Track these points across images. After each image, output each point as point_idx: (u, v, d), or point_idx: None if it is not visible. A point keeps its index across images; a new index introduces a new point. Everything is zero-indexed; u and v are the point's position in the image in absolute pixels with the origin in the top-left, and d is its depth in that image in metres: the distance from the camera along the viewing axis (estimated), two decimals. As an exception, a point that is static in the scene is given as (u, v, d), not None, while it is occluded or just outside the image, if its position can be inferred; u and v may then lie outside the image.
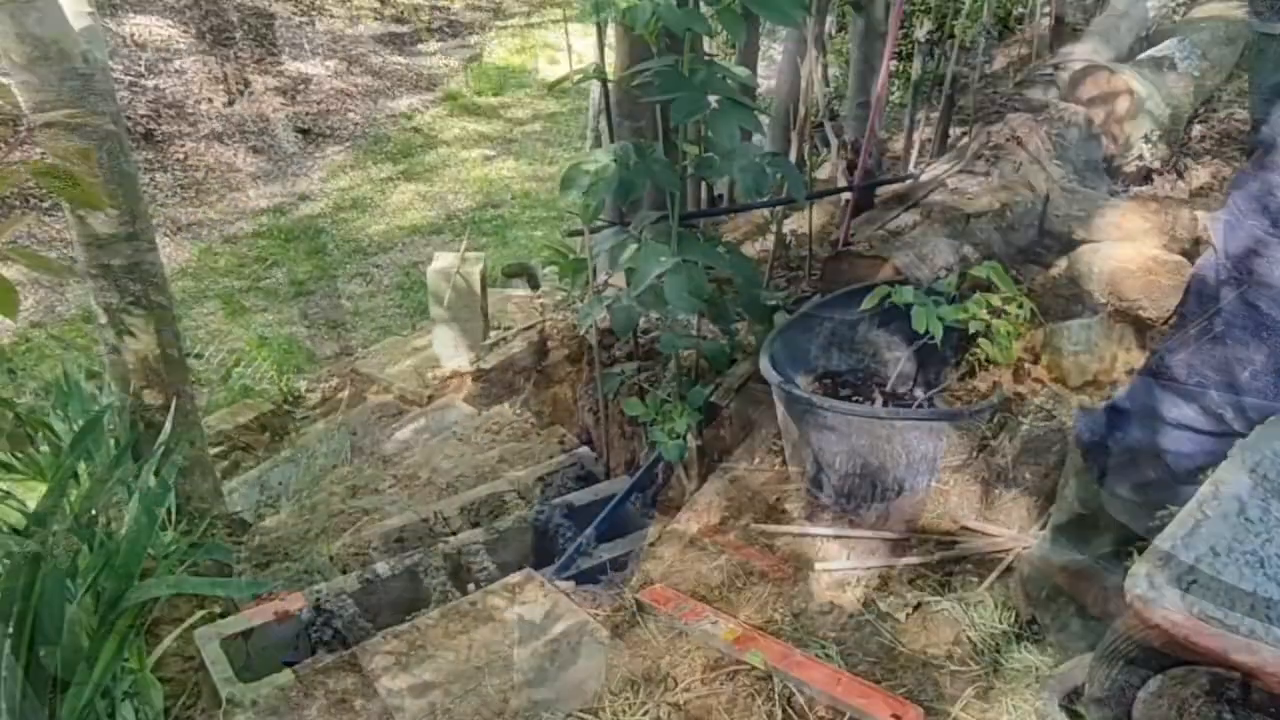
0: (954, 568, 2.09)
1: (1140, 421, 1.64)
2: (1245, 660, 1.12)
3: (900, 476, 2.23)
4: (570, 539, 2.46)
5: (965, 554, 2.11)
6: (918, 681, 1.81)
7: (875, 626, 1.95)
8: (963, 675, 1.81)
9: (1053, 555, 1.80)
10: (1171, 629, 1.16)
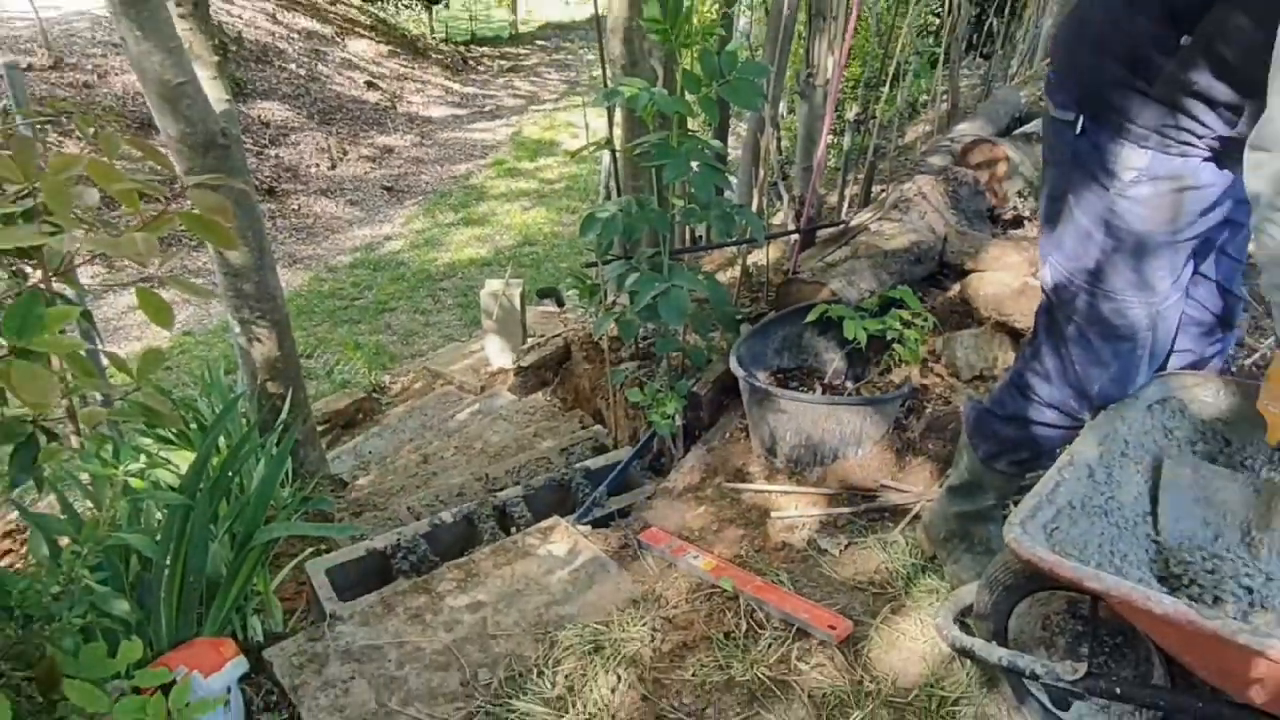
0: (875, 516, 2.10)
1: (1010, 421, 1.63)
2: (1093, 586, 1.13)
3: (835, 447, 2.23)
4: (587, 494, 2.46)
5: (883, 506, 2.12)
6: (848, 601, 1.81)
7: (816, 560, 1.95)
8: (882, 596, 1.82)
9: (949, 507, 1.80)
10: (1039, 564, 1.16)
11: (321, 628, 1.78)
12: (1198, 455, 1.53)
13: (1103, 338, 1.47)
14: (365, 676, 1.66)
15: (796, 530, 2.07)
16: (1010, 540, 1.19)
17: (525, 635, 1.76)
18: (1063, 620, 1.42)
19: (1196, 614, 1.03)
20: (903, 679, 1.58)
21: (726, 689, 1.58)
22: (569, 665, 1.66)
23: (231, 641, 1.52)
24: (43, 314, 1.00)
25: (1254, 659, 1.01)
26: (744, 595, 1.80)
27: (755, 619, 1.75)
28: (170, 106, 2.21)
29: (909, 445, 2.28)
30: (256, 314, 2.62)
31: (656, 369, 2.73)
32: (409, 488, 3.12)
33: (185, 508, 1.54)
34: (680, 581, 1.89)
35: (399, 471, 3.40)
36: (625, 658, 1.66)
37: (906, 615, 1.74)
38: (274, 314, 2.66)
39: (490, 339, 4.47)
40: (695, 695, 1.58)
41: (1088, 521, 1.35)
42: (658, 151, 2.18)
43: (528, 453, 3.17)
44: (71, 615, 1.24)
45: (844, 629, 1.68)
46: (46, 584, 1.25)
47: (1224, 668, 1.10)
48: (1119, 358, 1.48)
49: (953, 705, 1.51)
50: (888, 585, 1.84)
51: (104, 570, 1.47)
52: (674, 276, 2.30)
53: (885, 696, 1.54)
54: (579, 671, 1.64)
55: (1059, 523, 1.30)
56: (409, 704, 1.60)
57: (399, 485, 3.18)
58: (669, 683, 1.61)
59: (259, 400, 2.71)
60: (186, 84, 2.20)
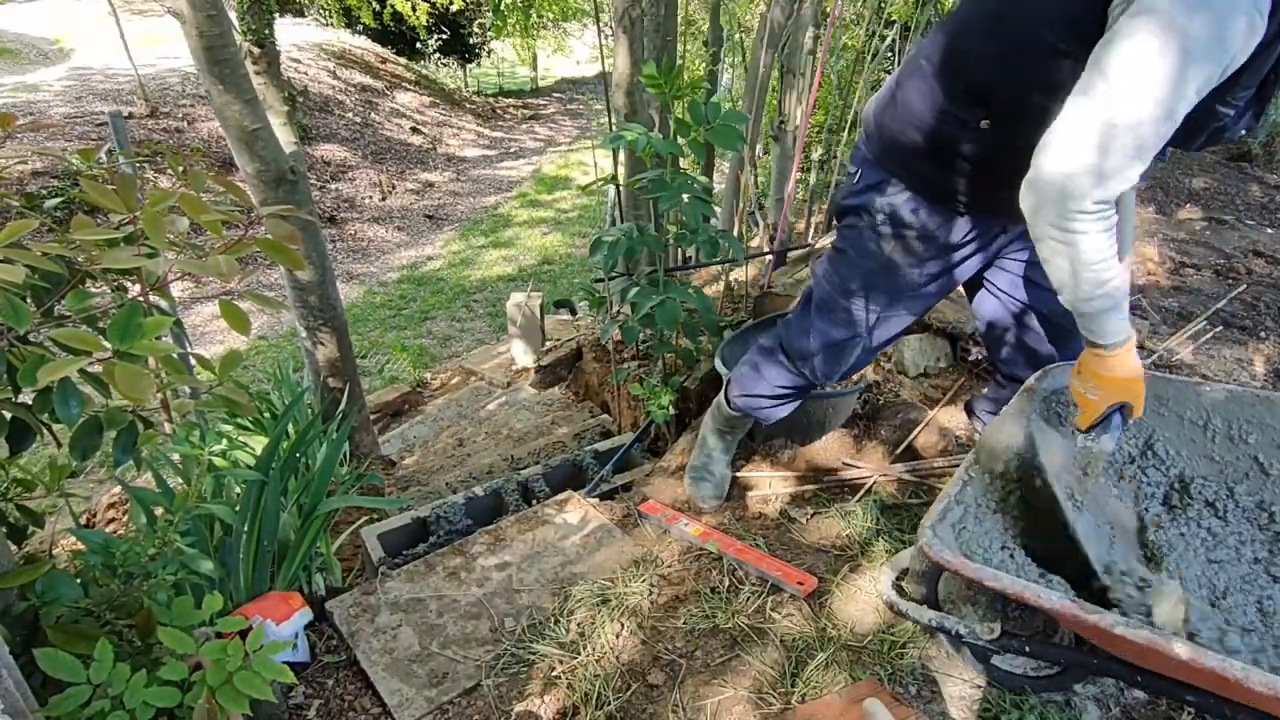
0: (836, 490, 2.09)
1: None
2: (991, 585, 1.09)
3: (803, 433, 2.23)
4: (596, 472, 2.46)
5: (843, 481, 2.11)
6: (814, 561, 1.81)
7: (787, 527, 1.95)
8: (842, 558, 1.81)
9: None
10: (946, 565, 1.11)
11: (374, 583, 1.78)
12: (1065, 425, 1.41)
13: (833, 323, 1.58)
14: (410, 624, 1.66)
15: (770, 502, 2.07)
16: (923, 544, 1.14)
17: (544, 590, 1.76)
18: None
19: (1079, 609, 1.01)
20: (859, 627, 1.58)
21: (712, 635, 1.58)
22: (581, 615, 1.66)
23: (299, 595, 1.52)
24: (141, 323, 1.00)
25: (1128, 644, 1.00)
26: (727, 556, 1.80)
27: (736, 576, 1.75)
28: (247, 148, 2.21)
29: (865, 431, 2.28)
30: (320, 322, 2.62)
31: (654, 367, 2.73)
32: (447, 467, 3.12)
33: (260, 483, 1.54)
34: (673, 545, 1.89)
35: (438, 453, 3.40)
36: (627, 609, 1.66)
37: (863, 573, 1.74)
38: (334, 321, 2.66)
39: (515, 342, 4.47)
40: (686, 640, 1.58)
41: (991, 519, 1.29)
42: (655, 185, 2.18)
43: (546, 437, 3.17)
44: (165, 573, 1.24)
45: (810, 585, 1.68)
46: (144, 547, 1.25)
47: (1110, 643, 1.08)
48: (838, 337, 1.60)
49: (901, 649, 1.51)
50: (847, 548, 1.84)
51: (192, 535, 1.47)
52: (668, 290, 2.30)
53: (844, 641, 1.54)
54: (589, 620, 1.64)
55: (965, 522, 1.24)
56: (447, 647, 1.60)
57: (438, 465, 3.18)
58: (664, 630, 1.61)
59: (321, 394, 2.71)
60: (261, 129, 2.20)
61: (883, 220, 1.43)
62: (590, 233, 8.55)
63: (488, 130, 13.88)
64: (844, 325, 1.57)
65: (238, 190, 1.26)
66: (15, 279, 0.91)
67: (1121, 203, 1.23)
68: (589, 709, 1.41)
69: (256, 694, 1.07)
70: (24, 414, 1.11)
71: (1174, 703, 1.38)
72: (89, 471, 3.18)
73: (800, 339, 1.66)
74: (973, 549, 1.23)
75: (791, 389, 1.78)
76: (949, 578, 1.42)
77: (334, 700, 1.51)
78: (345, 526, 2.11)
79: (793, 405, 1.86)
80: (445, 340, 6.11)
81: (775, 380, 1.78)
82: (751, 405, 1.87)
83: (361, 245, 8.20)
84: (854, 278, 1.52)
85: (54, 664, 1.02)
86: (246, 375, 5.07)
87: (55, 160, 6.45)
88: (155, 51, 10.37)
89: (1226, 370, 2.39)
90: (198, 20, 1.97)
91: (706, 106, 2.11)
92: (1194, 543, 1.38)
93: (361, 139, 10.49)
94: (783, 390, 1.79)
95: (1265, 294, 2.98)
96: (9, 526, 1.32)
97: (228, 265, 1.06)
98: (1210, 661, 0.91)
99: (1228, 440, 1.41)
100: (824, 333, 1.60)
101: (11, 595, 1.14)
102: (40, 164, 6.49)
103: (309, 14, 15.44)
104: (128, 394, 0.93)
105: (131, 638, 1.16)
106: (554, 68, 21.27)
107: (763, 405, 1.85)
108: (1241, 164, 4.65)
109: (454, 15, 14.71)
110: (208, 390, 1.33)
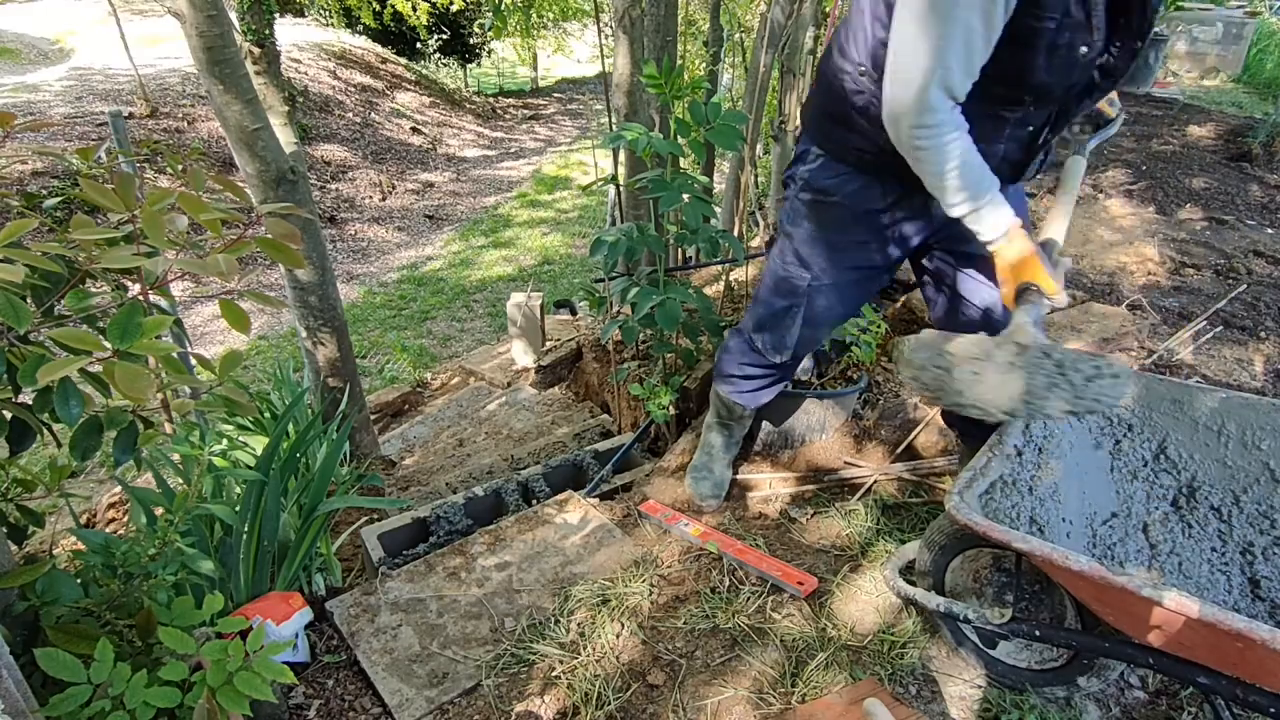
0: (836, 490, 2.10)
1: None
2: (1020, 546, 1.13)
3: (803, 433, 2.23)
4: (596, 472, 2.46)
5: (844, 481, 2.12)
6: (814, 561, 1.81)
7: (788, 527, 1.95)
8: (842, 558, 1.82)
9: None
10: (974, 528, 1.16)
11: (374, 583, 1.78)
12: None
13: (775, 292, 1.66)
14: (410, 624, 1.66)
15: (771, 502, 2.07)
16: (951, 508, 1.19)
17: (544, 590, 1.76)
18: (990, 573, 1.42)
19: (1106, 570, 1.03)
20: (860, 627, 1.58)
21: (712, 635, 1.58)
22: (581, 615, 1.66)
23: (299, 595, 1.52)
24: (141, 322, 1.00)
25: (1153, 608, 1.01)
26: (727, 557, 1.80)
27: (736, 576, 1.75)
28: (247, 148, 2.21)
29: (865, 431, 2.28)
30: (320, 322, 2.62)
31: (654, 367, 2.73)
32: (447, 467, 3.12)
33: (260, 483, 1.54)
34: (674, 545, 1.89)
35: (438, 453, 3.39)
36: (628, 609, 1.66)
37: (863, 574, 1.74)
38: (334, 321, 2.66)
39: (515, 342, 4.47)
40: (686, 640, 1.58)
41: (1015, 494, 1.35)
42: (655, 185, 2.18)
43: (546, 437, 3.17)
44: (165, 573, 1.24)
45: (810, 585, 1.68)
46: (144, 547, 1.25)
47: (1128, 613, 1.10)
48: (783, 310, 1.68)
49: (901, 649, 1.51)
50: (847, 548, 1.84)
51: (192, 535, 1.47)
52: (668, 290, 2.30)
53: (844, 641, 1.54)
54: (589, 620, 1.64)
55: (992, 493, 1.30)
56: (447, 647, 1.60)
57: (438, 465, 3.18)
58: (664, 630, 1.61)
59: (322, 393, 2.71)
60: (261, 129, 2.20)
61: (803, 187, 1.54)
62: (590, 233, 8.56)
63: (488, 130, 13.88)
64: (785, 295, 1.67)
65: (237, 189, 1.26)
66: (15, 279, 0.91)
67: (1069, 170, 1.45)
68: (589, 709, 1.41)
69: (256, 694, 1.06)
70: (24, 414, 1.11)
71: (1174, 702, 1.38)
72: (89, 471, 3.18)
73: (752, 311, 1.78)
74: (999, 520, 1.27)
75: (756, 368, 1.86)
76: (956, 570, 1.43)
77: (334, 700, 1.51)
78: (345, 526, 2.11)
79: (767, 390, 1.92)
80: (445, 340, 6.11)
81: (740, 358, 1.86)
82: (728, 389, 1.95)
83: (361, 245, 8.20)
84: (789, 248, 1.63)
85: (54, 664, 1.02)
86: (246, 375, 5.06)
87: (55, 160, 6.46)
88: (155, 51, 10.37)
89: (1226, 370, 2.39)
90: (198, 20, 1.97)
91: (706, 106, 2.11)
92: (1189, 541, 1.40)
93: (361, 139, 10.48)
94: (749, 369, 1.86)
95: (1265, 294, 2.99)
96: (9, 526, 1.32)
97: (227, 264, 1.06)
98: (1237, 623, 0.91)
99: (1241, 446, 1.42)
100: (768, 303, 1.71)
101: (12, 595, 1.14)
102: (40, 164, 6.49)
103: (309, 14, 15.44)
104: (128, 394, 0.93)
105: (132, 638, 1.16)
106: (554, 68, 21.28)
107: (738, 388, 1.92)
108: (1241, 164, 4.65)
109: (454, 15, 14.71)
110: (208, 390, 1.34)
